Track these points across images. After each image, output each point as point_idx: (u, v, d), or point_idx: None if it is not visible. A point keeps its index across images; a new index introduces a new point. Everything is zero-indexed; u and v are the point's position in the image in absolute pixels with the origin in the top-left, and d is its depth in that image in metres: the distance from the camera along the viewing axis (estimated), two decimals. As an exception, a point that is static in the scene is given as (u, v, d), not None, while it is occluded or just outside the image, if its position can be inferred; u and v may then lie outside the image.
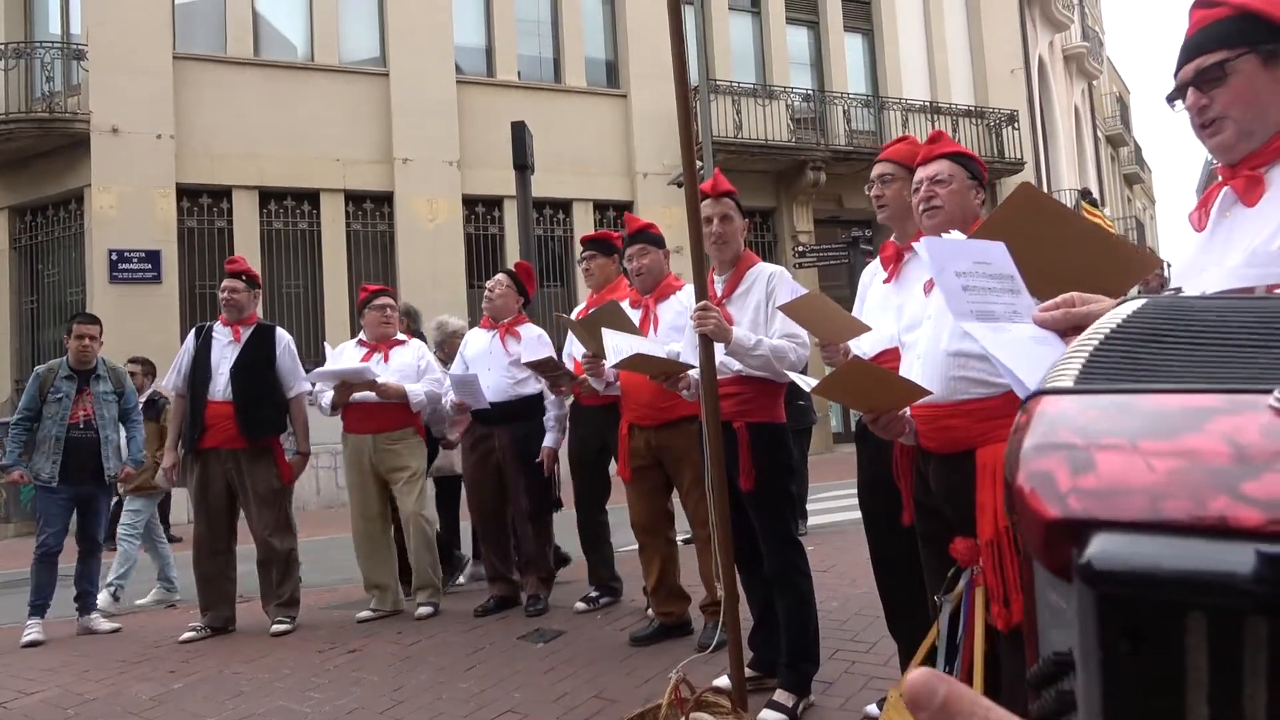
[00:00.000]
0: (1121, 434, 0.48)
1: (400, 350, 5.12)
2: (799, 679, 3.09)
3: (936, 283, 1.42)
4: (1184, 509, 0.42)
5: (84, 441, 5.25)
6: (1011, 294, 1.49)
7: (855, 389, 2.22)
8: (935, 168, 2.36)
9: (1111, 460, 0.47)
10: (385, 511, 5.05)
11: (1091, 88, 27.82)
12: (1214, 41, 1.50)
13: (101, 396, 5.35)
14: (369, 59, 13.50)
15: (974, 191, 2.35)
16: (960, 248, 1.48)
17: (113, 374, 5.49)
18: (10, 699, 3.95)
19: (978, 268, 1.43)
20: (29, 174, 12.29)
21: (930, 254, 1.44)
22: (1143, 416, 0.49)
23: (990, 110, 17.20)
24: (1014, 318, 1.45)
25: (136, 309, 11.25)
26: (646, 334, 3.72)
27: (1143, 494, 0.44)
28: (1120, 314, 0.68)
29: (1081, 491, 0.46)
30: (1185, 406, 0.49)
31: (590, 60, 14.89)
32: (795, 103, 15.68)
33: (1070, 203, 21.17)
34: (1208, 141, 1.55)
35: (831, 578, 4.92)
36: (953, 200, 2.31)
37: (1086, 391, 0.54)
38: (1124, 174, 34.19)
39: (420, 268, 12.75)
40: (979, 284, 1.43)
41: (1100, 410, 0.51)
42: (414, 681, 3.74)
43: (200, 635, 4.77)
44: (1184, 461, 0.45)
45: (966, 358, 2.13)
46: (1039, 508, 0.47)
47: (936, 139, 2.47)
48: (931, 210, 2.34)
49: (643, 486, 3.94)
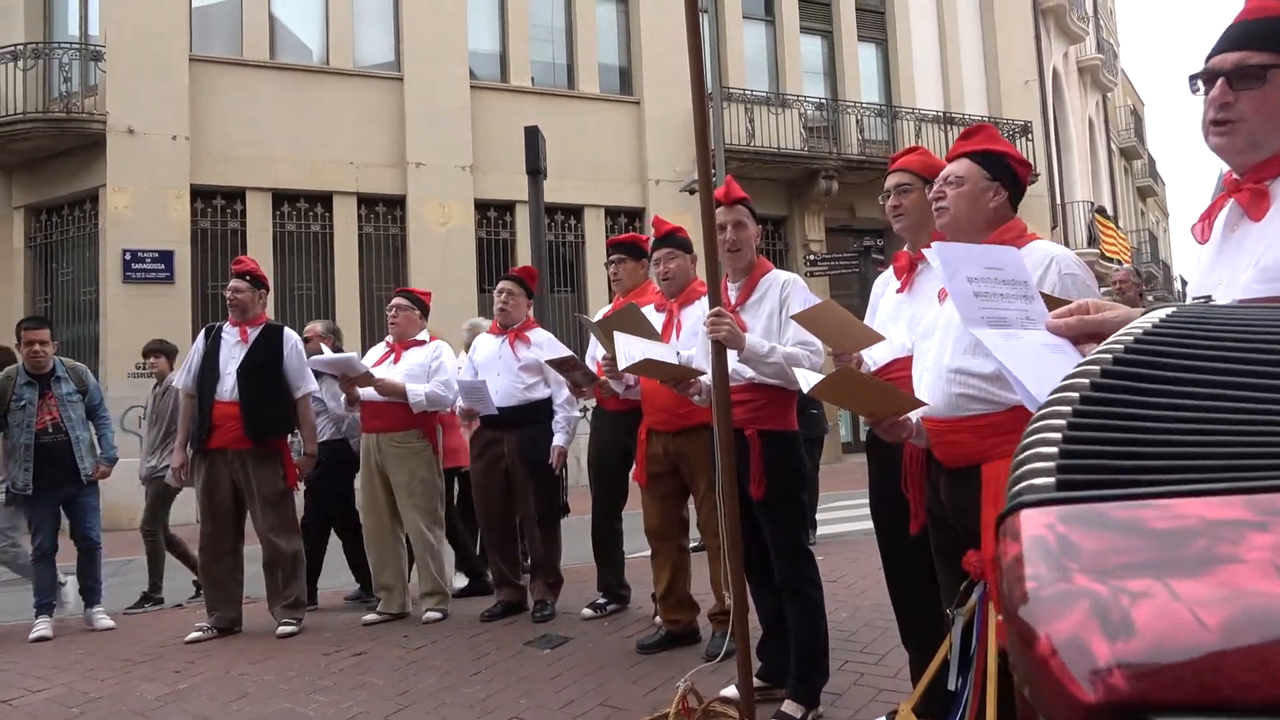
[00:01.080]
0: (1147, 568, 0.40)
1: (414, 351, 5.11)
2: (808, 690, 3.06)
3: (948, 288, 1.40)
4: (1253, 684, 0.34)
5: (55, 446, 5.23)
6: (1024, 300, 1.46)
7: (851, 394, 2.22)
8: (952, 167, 2.33)
9: (1150, 614, 0.38)
10: (394, 511, 5.04)
11: (1106, 100, 27.73)
12: (1266, 41, 1.45)
13: (65, 398, 5.32)
14: (384, 63, 13.55)
15: (991, 193, 2.28)
16: (972, 253, 1.46)
17: (72, 373, 5.45)
18: (16, 696, 3.95)
19: (989, 273, 1.41)
20: (45, 173, 12.37)
21: (942, 259, 1.42)
22: (1161, 539, 0.41)
23: (1004, 121, 17.15)
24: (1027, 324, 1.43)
25: (149, 309, 11.28)
26: (669, 339, 3.70)
27: (1201, 664, 0.36)
28: (1140, 326, 0.64)
29: (1127, 665, 0.37)
30: (1207, 520, 0.41)
31: (604, 66, 14.91)
32: (808, 111, 15.68)
33: (1084, 218, 21.08)
34: (1212, 138, 1.49)
35: (841, 588, 4.89)
36: (960, 202, 2.26)
37: (1074, 500, 0.44)
38: (1138, 187, 34.06)
39: (431, 271, 12.76)
40: (991, 290, 1.40)
41: (1108, 532, 0.42)
42: (419, 686, 3.72)
43: (206, 636, 4.76)
44: (1236, 610, 0.37)
45: (968, 375, 2.10)
46: (1075, 691, 0.37)
47: (968, 135, 2.42)
48: (939, 210, 2.31)
49: (658, 492, 3.91)
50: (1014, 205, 2.34)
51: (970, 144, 2.35)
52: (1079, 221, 21.02)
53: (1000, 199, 2.28)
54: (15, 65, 12.08)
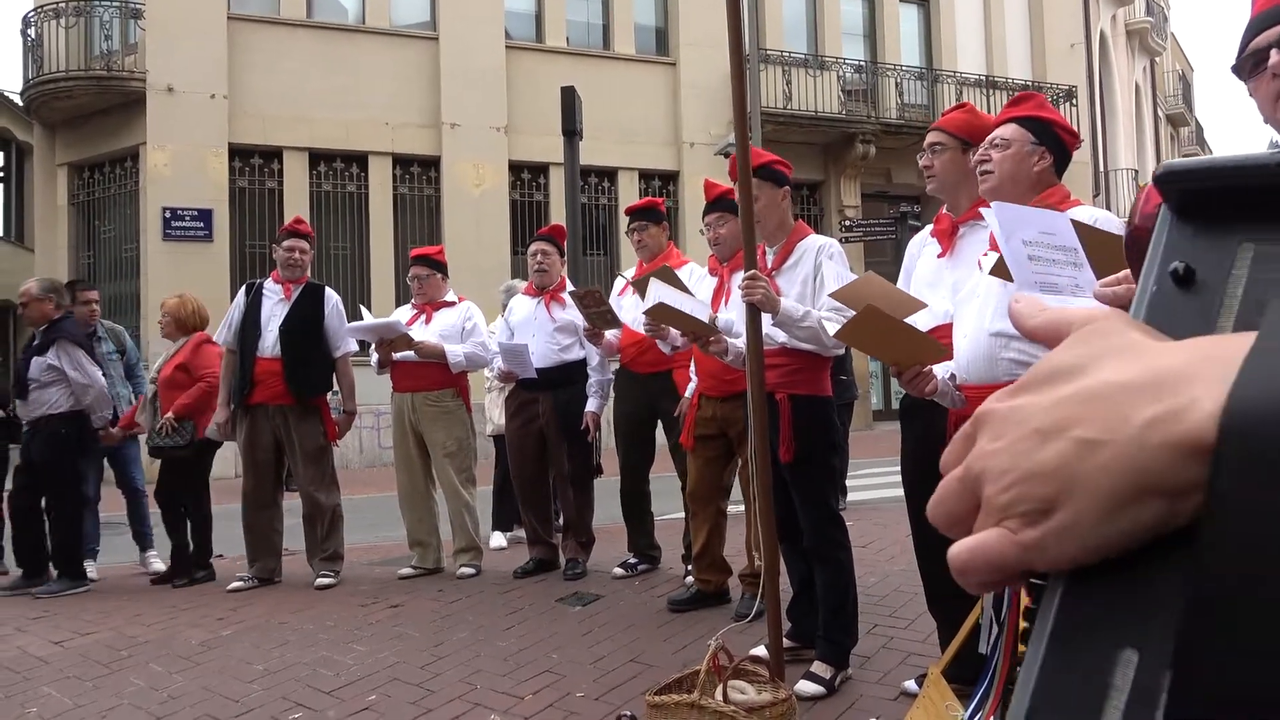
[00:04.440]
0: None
1: (445, 312, 5.15)
2: (837, 651, 3.09)
3: (1002, 250, 1.40)
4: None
5: None
6: (1074, 267, 1.46)
7: (876, 338, 2.21)
8: (999, 130, 2.33)
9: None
10: (428, 469, 5.12)
11: (1154, 64, 26.98)
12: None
13: (105, 357, 5.56)
14: (419, 23, 13.50)
15: (1036, 157, 2.28)
16: (1028, 216, 1.46)
17: (111, 333, 5.78)
18: (67, 639, 4.10)
19: (1044, 238, 1.40)
20: (87, 131, 12.53)
21: (999, 219, 1.42)
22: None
23: (1048, 86, 16.77)
24: (1076, 292, 1.43)
25: (188, 266, 11.45)
26: (719, 305, 3.69)
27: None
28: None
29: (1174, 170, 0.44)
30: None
31: (640, 27, 14.75)
32: (847, 74, 15.42)
33: (1127, 186, 20.63)
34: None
35: (870, 553, 4.91)
36: (1004, 164, 2.26)
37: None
38: (1183, 154, 33.18)
39: (465, 232, 12.82)
40: (1044, 254, 1.40)
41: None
42: (454, 639, 3.81)
43: (248, 585, 4.90)
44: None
45: (1009, 339, 2.10)
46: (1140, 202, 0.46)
47: (1017, 102, 2.42)
48: (983, 174, 2.31)
49: (705, 455, 3.93)
50: (1059, 173, 2.33)
51: (1019, 109, 2.34)
52: (1122, 189, 20.59)
53: (1045, 163, 2.28)
54: (58, 23, 12.20)
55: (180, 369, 5.20)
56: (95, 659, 3.77)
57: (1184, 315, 0.38)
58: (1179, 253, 0.39)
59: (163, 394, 5.21)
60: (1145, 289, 0.40)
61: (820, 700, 2.94)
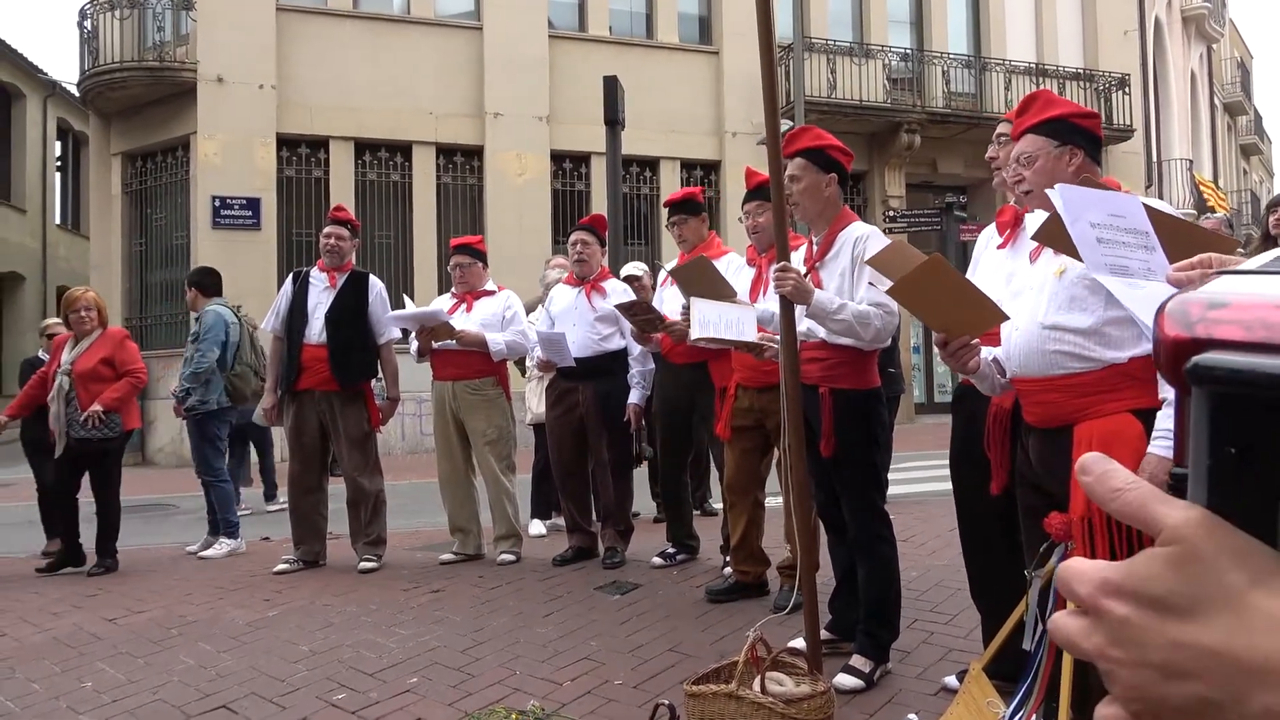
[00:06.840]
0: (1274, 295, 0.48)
1: (486, 301, 5.18)
2: (877, 645, 3.07)
3: (1070, 232, 1.36)
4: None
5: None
6: (1146, 250, 1.42)
7: (933, 297, 2.15)
8: (1019, 146, 2.28)
9: (1246, 301, 0.47)
10: (468, 456, 5.16)
11: (1211, 51, 26.23)
12: None
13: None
14: (463, 13, 13.57)
15: (1067, 157, 2.21)
16: (1096, 198, 1.42)
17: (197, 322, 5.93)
18: (120, 615, 4.22)
19: (1112, 220, 1.36)
20: (141, 121, 12.80)
21: (1065, 202, 1.38)
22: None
23: (1100, 74, 16.41)
24: (1149, 275, 1.39)
25: (237, 254, 11.66)
26: (757, 295, 3.66)
27: (1263, 321, 0.44)
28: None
29: (1209, 320, 0.47)
30: None
31: (683, 16, 14.69)
32: (893, 62, 15.22)
33: (1181, 177, 20.12)
34: None
35: (912, 547, 4.87)
36: (1039, 179, 2.21)
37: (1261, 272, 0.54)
38: (1241, 144, 32.31)
39: (507, 222, 12.88)
40: (1113, 237, 1.36)
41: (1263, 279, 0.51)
42: (494, 624, 3.85)
43: (293, 568, 4.99)
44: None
45: (1063, 331, 2.07)
46: (1166, 330, 0.48)
47: (1023, 109, 2.35)
48: (1026, 195, 2.27)
49: (742, 446, 3.92)
50: (1095, 159, 2.26)
51: (1028, 118, 2.29)
52: (1176, 180, 20.08)
53: (1078, 159, 2.22)
54: (112, 15, 12.47)
55: (104, 363, 5.23)
56: (147, 636, 3.87)
57: (1247, 489, 0.41)
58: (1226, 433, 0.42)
59: (82, 385, 5.16)
60: (1200, 463, 0.43)
61: (859, 694, 2.93)
